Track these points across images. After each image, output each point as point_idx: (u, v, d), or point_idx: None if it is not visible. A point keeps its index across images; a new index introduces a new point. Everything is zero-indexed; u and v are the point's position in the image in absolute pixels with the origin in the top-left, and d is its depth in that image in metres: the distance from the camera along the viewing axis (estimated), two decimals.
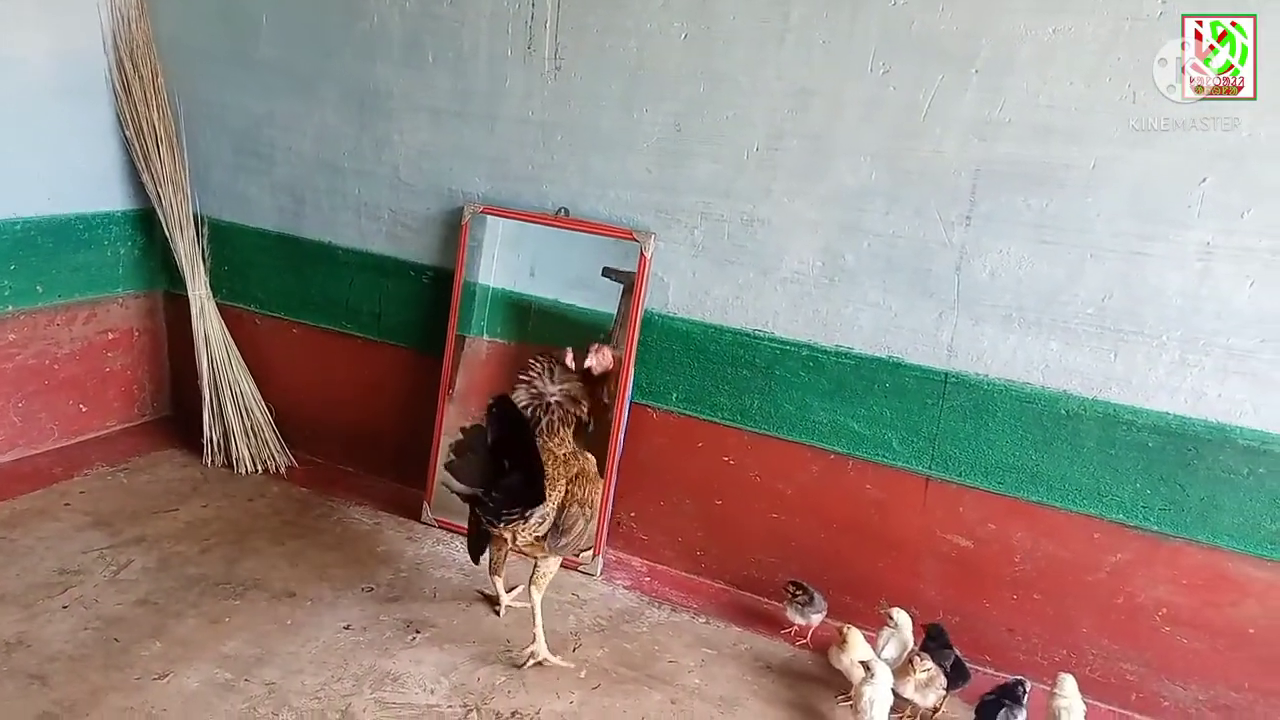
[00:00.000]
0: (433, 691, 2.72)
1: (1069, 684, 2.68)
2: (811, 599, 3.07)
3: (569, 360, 3.04)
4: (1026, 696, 2.65)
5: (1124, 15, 2.51)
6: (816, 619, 3.09)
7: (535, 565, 2.88)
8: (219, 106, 3.91)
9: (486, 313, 3.62)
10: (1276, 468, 2.60)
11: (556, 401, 2.89)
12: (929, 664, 2.68)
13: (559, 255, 3.43)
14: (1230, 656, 2.75)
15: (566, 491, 2.79)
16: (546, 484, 2.72)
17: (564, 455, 2.87)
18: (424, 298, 3.68)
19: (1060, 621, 2.92)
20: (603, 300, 3.37)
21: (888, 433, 3.05)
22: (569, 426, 2.92)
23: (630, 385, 3.33)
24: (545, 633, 2.89)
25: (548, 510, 2.74)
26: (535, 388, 2.88)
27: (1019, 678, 2.70)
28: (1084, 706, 2.66)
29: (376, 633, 2.97)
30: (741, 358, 3.22)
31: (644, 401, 3.39)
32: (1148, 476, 2.74)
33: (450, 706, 2.66)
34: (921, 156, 2.82)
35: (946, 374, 2.94)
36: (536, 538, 2.76)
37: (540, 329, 3.55)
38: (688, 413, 3.34)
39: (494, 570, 3.02)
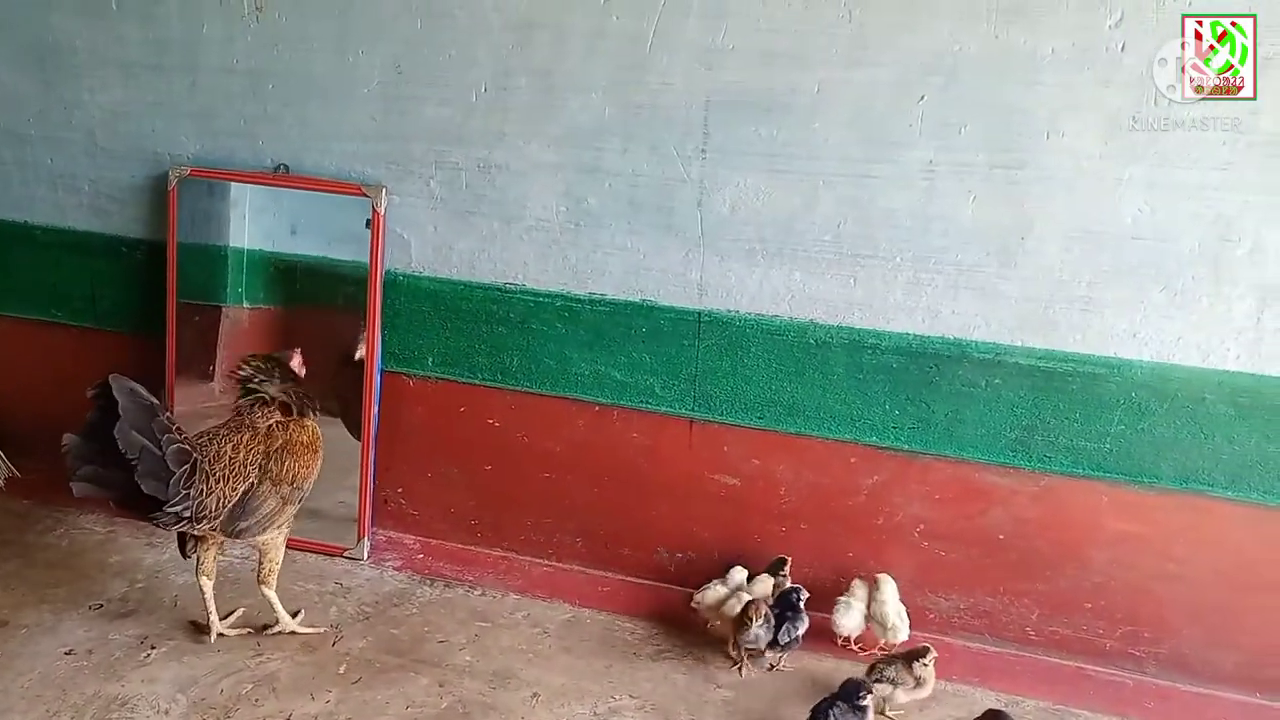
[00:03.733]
0: (167, 712, 2.45)
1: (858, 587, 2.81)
2: None
3: (295, 363, 2.79)
4: (801, 601, 2.71)
5: None
6: None
7: (259, 558, 2.68)
8: None
9: (244, 278, 3.31)
10: (1010, 377, 2.68)
11: (273, 397, 2.69)
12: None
13: (321, 210, 3.14)
14: (984, 564, 2.83)
15: (260, 469, 2.59)
16: (210, 472, 2.49)
17: (265, 429, 2.64)
18: (140, 275, 3.30)
19: (828, 548, 2.94)
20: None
21: (649, 378, 2.96)
22: (286, 410, 2.71)
23: (379, 353, 3.10)
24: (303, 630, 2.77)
25: (213, 501, 2.50)
26: (252, 387, 2.66)
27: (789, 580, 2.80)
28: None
29: (104, 654, 2.66)
30: (495, 313, 3.04)
31: (397, 369, 3.16)
32: (895, 397, 2.77)
33: None
34: (652, 89, 2.70)
35: (700, 313, 2.86)
36: (212, 528, 2.55)
37: (309, 288, 3.28)
38: (446, 377, 3.15)
39: (200, 570, 2.67)
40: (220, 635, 2.72)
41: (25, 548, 3.15)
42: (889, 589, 2.76)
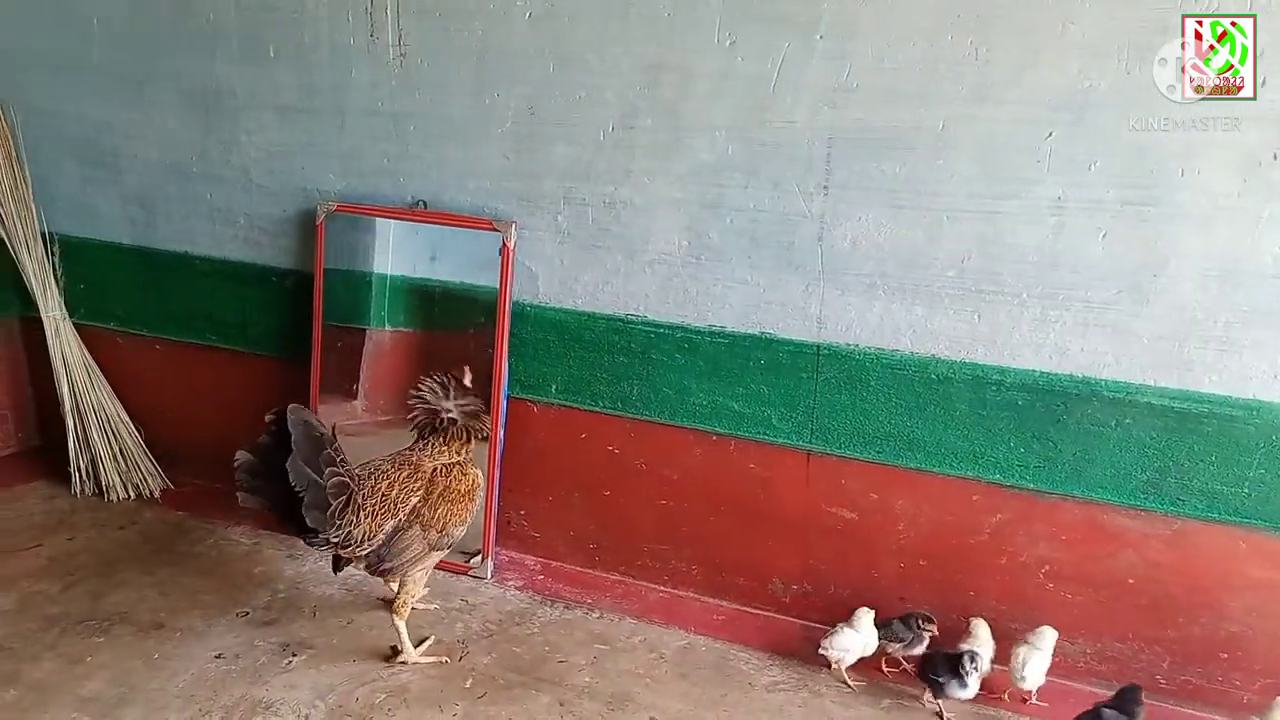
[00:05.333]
0: (307, 717, 2.59)
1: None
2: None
3: (467, 379, 2.89)
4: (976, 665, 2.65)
5: None
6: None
7: (398, 586, 2.80)
8: (56, 116, 3.68)
9: (386, 302, 3.48)
10: (1142, 417, 2.61)
11: (452, 419, 2.77)
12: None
13: (458, 240, 3.27)
14: (1113, 608, 2.76)
15: (412, 511, 2.69)
16: (362, 505, 2.61)
17: (429, 471, 2.74)
18: (288, 303, 3.52)
19: (948, 586, 2.91)
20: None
21: (767, 410, 3.00)
22: (459, 440, 2.79)
23: (505, 380, 3.23)
24: (433, 643, 2.91)
25: (359, 533, 2.61)
26: (429, 404, 2.77)
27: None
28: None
29: (250, 659, 2.83)
30: (617, 344, 3.14)
31: (522, 396, 3.29)
32: (1020, 435, 2.73)
33: None
34: (775, 127, 2.75)
35: (818, 346, 2.89)
36: (358, 557, 2.67)
37: (446, 313, 3.43)
38: (568, 404, 3.25)
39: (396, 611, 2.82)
40: (417, 663, 2.82)
41: (179, 556, 3.39)
42: (1047, 640, 2.70)
